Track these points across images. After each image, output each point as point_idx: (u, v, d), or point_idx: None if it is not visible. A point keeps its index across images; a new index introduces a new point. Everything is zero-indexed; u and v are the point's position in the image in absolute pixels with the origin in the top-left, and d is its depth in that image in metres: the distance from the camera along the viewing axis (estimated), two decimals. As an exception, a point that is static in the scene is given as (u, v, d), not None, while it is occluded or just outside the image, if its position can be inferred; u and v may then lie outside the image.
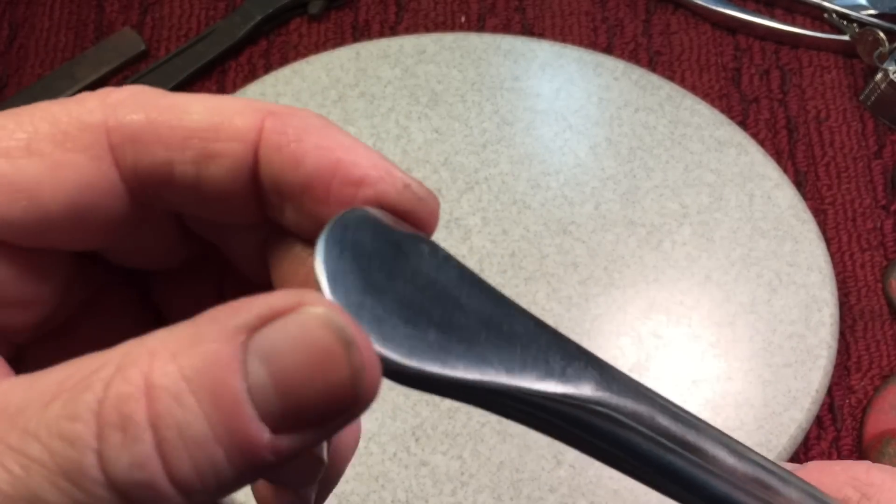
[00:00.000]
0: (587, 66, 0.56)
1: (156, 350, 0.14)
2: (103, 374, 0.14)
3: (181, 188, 0.17)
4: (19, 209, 0.17)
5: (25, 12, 0.59)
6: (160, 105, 0.17)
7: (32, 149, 0.17)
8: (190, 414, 0.14)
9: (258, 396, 0.14)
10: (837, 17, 0.58)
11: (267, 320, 0.15)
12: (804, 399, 0.47)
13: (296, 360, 0.15)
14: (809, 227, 0.51)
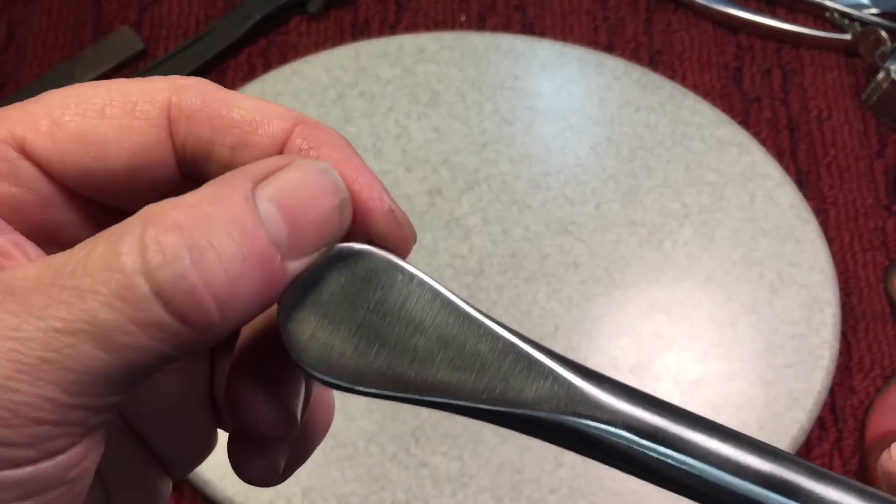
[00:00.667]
0: (588, 66, 0.55)
1: (177, 203, 0.18)
2: (136, 222, 0.17)
3: (216, 165, 0.21)
4: (88, 159, 0.20)
5: (23, 11, 0.59)
6: (217, 96, 0.21)
7: (105, 112, 0.20)
8: (220, 237, 0.17)
9: (270, 226, 0.18)
10: (839, 17, 0.57)
11: (268, 175, 0.19)
12: (806, 400, 0.47)
13: (297, 196, 0.19)
14: (811, 226, 0.51)
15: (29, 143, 0.20)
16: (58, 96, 0.20)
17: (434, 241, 0.51)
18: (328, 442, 0.46)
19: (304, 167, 0.19)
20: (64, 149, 0.20)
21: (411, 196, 0.52)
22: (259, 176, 0.19)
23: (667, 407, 0.20)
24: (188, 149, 0.21)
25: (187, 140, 0.21)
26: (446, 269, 0.50)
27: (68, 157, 0.20)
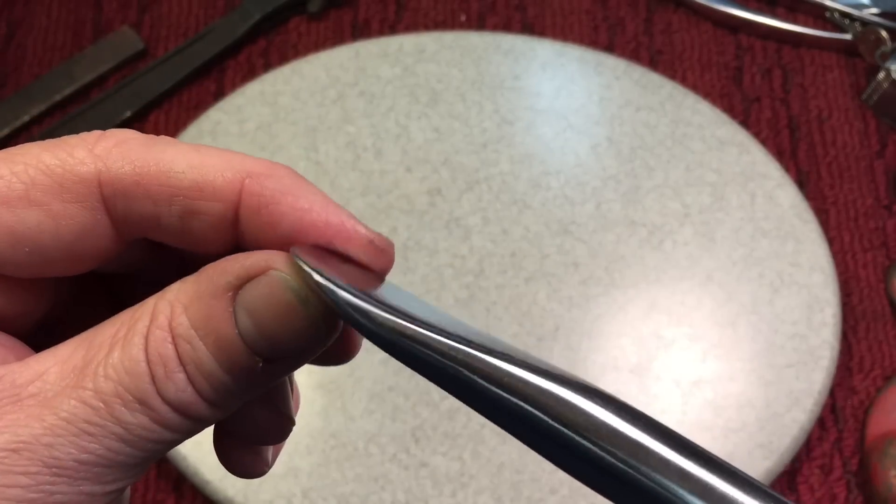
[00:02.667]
0: (588, 65, 0.55)
1: (174, 303, 0.19)
2: (143, 323, 0.19)
3: (166, 233, 0.21)
4: (23, 253, 0.20)
5: (24, 11, 0.59)
6: (147, 159, 0.20)
7: (32, 199, 0.19)
8: (202, 354, 0.19)
9: (247, 337, 0.19)
10: (839, 16, 0.57)
11: (245, 280, 0.19)
12: (806, 400, 0.47)
13: (269, 313, 0.19)
14: (811, 226, 0.51)
15: None
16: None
17: (434, 241, 0.51)
18: (328, 442, 0.46)
19: (275, 283, 0.19)
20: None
21: (411, 196, 0.52)
22: (238, 279, 0.19)
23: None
24: (130, 224, 0.20)
25: (128, 216, 0.20)
26: (446, 269, 0.50)
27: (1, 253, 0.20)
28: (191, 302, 0.19)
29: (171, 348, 0.19)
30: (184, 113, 0.56)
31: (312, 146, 0.53)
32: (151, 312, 0.19)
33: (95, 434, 0.18)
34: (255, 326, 0.19)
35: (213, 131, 0.53)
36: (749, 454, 0.45)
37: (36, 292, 0.21)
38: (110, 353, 0.19)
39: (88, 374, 0.19)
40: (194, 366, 0.19)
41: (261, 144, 0.53)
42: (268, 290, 0.19)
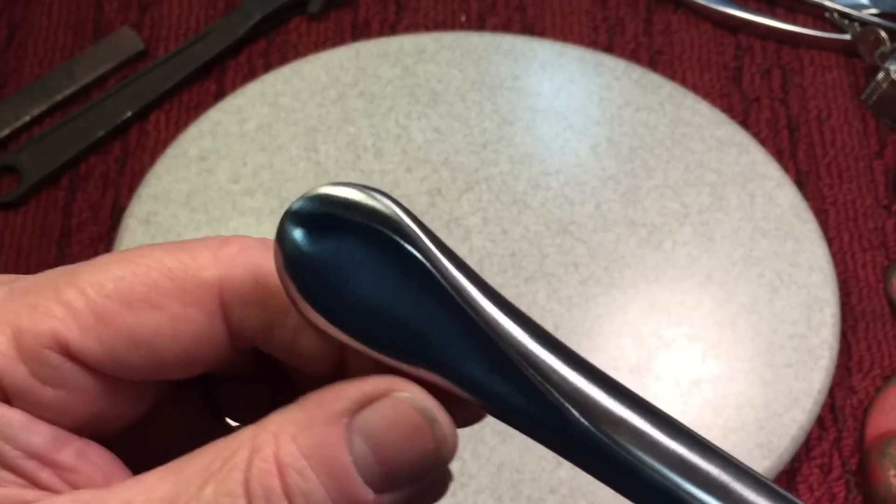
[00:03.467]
0: (588, 66, 0.56)
1: (279, 433, 0.18)
2: (242, 456, 0.18)
3: (277, 346, 0.20)
4: (139, 356, 0.19)
5: (24, 11, 0.59)
6: (269, 269, 0.19)
7: (153, 301, 0.19)
8: (312, 484, 0.18)
9: (362, 466, 0.18)
10: (839, 17, 0.57)
11: (363, 405, 0.19)
12: (805, 399, 0.47)
13: (391, 437, 0.19)
14: (811, 226, 0.51)
15: (73, 345, 0.19)
16: (95, 279, 0.19)
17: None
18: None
19: (401, 405, 0.19)
20: (111, 347, 0.19)
21: (411, 196, 0.52)
22: (354, 406, 0.19)
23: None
24: (245, 332, 0.20)
25: (244, 325, 0.20)
26: (446, 269, 0.50)
27: (117, 355, 0.19)
28: (300, 430, 0.18)
29: (277, 481, 0.18)
30: (184, 113, 0.56)
31: (313, 146, 0.53)
32: (251, 444, 0.18)
33: None
34: (373, 452, 0.18)
35: (213, 131, 0.54)
36: (748, 454, 0.45)
37: (139, 395, 0.21)
38: (203, 487, 0.18)
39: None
40: (303, 498, 0.18)
41: (261, 145, 0.53)
42: (392, 413, 0.19)
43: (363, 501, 0.18)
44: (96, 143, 0.55)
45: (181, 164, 0.53)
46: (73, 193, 0.54)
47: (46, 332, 0.19)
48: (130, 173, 0.54)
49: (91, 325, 0.19)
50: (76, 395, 0.19)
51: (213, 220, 0.51)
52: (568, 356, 0.20)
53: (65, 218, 0.53)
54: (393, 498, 0.19)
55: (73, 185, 0.54)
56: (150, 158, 0.54)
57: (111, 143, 0.55)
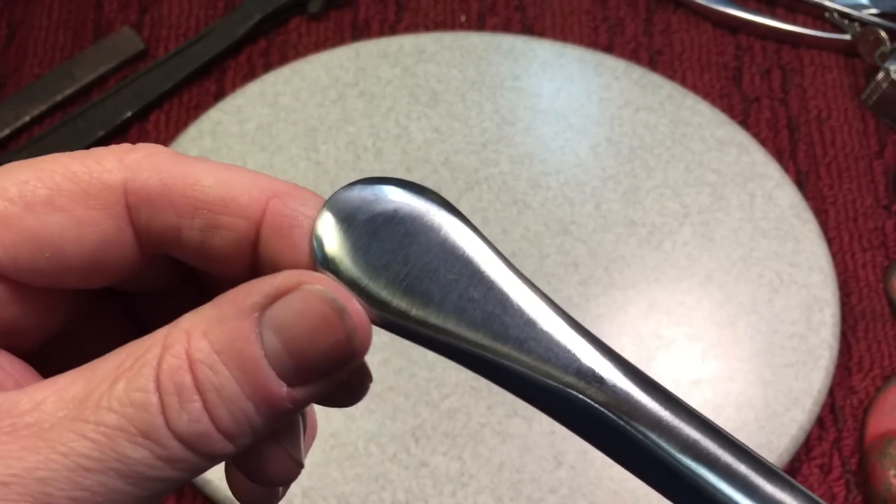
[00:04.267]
0: (588, 66, 0.56)
1: (190, 330, 0.18)
2: (153, 353, 0.18)
3: (186, 248, 0.20)
4: (43, 259, 0.19)
5: (24, 11, 0.59)
6: (174, 171, 0.19)
7: (56, 204, 0.19)
8: (223, 379, 0.18)
9: (274, 359, 0.18)
10: (839, 17, 0.57)
11: (274, 299, 0.18)
12: (805, 399, 0.47)
13: (301, 329, 0.18)
14: (811, 226, 0.51)
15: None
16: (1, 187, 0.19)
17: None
18: (328, 442, 0.46)
19: (310, 297, 0.19)
20: (15, 250, 0.19)
21: (411, 196, 0.52)
22: (265, 300, 0.19)
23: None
24: (153, 235, 0.20)
25: (151, 227, 0.20)
26: (446, 269, 0.50)
27: (20, 258, 0.19)
28: (211, 326, 0.18)
29: (188, 376, 0.18)
30: (184, 113, 0.56)
31: (313, 146, 0.53)
32: (163, 342, 0.18)
33: (93, 469, 0.17)
34: (284, 346, 0.18)
35: (213, 131, 0.54)
36: (748, 454, 0.45)
37: (49, 305, 0.20)
38: (114, 384, 0.18)
39: (89, 406, 0.18)
40: (215, 392, 0.18)
41: (261, 145, 0.53)
42: (301, 305, 0.18)
43: (276, 394, 0.18)
44: (96, 143, 0.55)
45: (181, 164, 0.53)
46: (73, 193, 0.54)
47: None
48: (130, 173, 0.54)
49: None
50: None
51: (213, 220, 0.51)
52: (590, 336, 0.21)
53: (65, 218, 0.53)
54: (307, 392, 0.19)
55: (73, 185, 0.54)
56: (150, 158, 0.54)
57: (111, 143, 0.55)
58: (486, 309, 0.19)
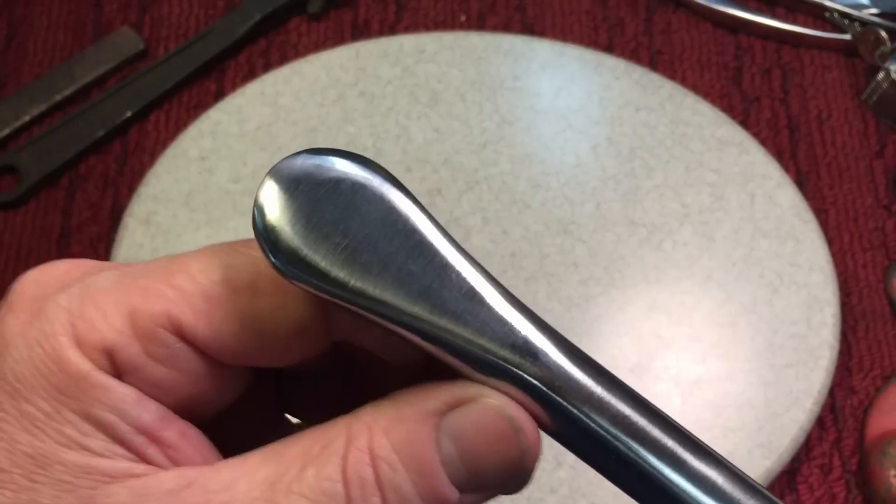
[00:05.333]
0: (588, 66, 0.56)
1: (372, 426, 0.19)
2: (339, 444, 0.19)
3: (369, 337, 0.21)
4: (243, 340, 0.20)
5: (24, 11, 0.59)
6: None
7: (258, 288, 0.20)
8: (401, 478, 0.19)
9: (449, 465, 0.19)
10: (839, 17, 0.57)
11: (452, 406, 0.19)
12: (806, 400, 0.47)
13: (479, 440, 0.19)
14: (811, 226, 0.51)
15: (186, 326, 0.20)
16: (203, 265, 0.20)
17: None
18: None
19: (488, 410, 0.19)
20: (220, 329, 0.20)
21: (411, 196, 0.52)
22: (444, 405, 0.19)
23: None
24: (340, 325, 0.21)
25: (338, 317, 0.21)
26: (446, 269, 0.50)
27: (224, 338, 0.20)
28: (392, 425, 0.19)
29: (371, 471, 0.19)
30: (184, 113, 0.56)
31: (313, 146, 0.53)
32: (347, 433, 0.19)
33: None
34: (459, 454, 0.19)
35: (213, 131, 0.54)
36: (748, 454, 0.45)
37: (233, 382, 0.22)
38: (303, 470, 0.19)
39: (281, 490, 0.19)
40: (394, 491, 0.19)
41: (261, 145, 0.53)
42: (480, 417, 0.19)
43: (448, 499, 0.19)
44: (96, 143, 0.55)
45: (181, 164, 0.53)
46: (72, 193, 0.54)
47: (161, 312, 0.19)
48: (130, 173, 0.54)
49: (201, 308, 0.20)
50: (183, 375, 0.20)
51: (212, 220, 0.51)
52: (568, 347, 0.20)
53: (64, 218, 0.53)
54: (475, 499, 0.20)
55: (72, 185, 0.54)
56: (149, 158, 0.54)
57: (111, 143, 0.55)
58: (424, 282, 0.19)
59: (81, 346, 0.19)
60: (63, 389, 0.19)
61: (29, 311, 0.20)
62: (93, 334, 0.19)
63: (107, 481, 0.19)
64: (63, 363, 0.19)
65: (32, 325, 0.19)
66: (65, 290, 0.20)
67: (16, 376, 0.19)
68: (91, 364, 0.19)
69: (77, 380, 0.19)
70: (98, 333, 0.19)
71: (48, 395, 0.19)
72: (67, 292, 0.20)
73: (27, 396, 0.19)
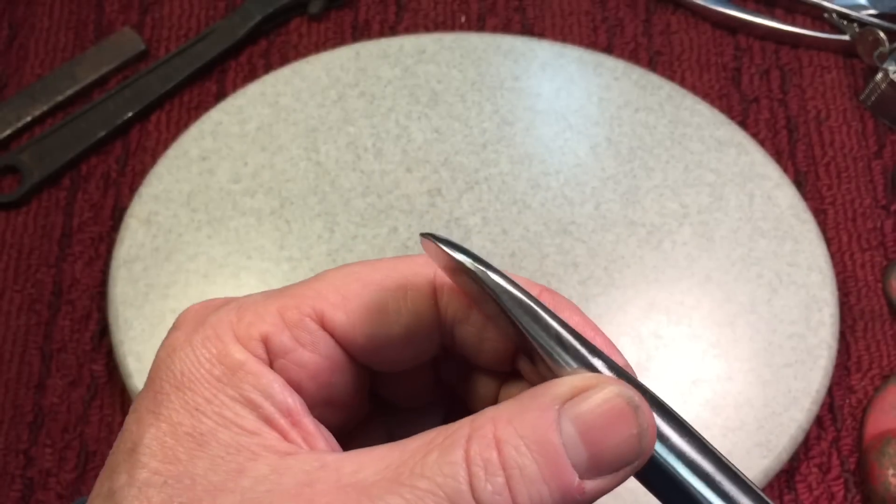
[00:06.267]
0: (587, 66, 0.56)
1: (496, 418, 0.21)
2: (462, 433, 0.21)
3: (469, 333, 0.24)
4: (374, 325, 0.23)
5: (25, 12, 0.59)
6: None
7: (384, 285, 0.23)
8: (526, 459, 0.20)
9: (571, 448, 0.20)
10: (837, 17, 0.58)
11: (572, 396, 0.21)
12: (804, 399, 0.47)
13: (598, 419, 0.21)
14: (809, 227, 0.51)
15: (327, 316, 0.23)
16: (340, 274, 0.24)
17: (434, 241, 0.51)
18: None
19: (609, 392, 0.21)
20: (353, 318, 0.23)
21: (411, 196, 0.52)
22: (565, 395, 0.21)
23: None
24: (448, 315, 0.24)
25: (448, 307, 0.24)
26: (446, 268, 0.50)
27: (357, 325, 0.23)
28: (515, 415, 0.21)
29: (494, 454, 0.20)
30: (185, 113, 0.56)
31: (313, 146, 0.53)
32: (470, 425, 0.21)
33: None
34: (580, 435, 0.20)
35: (214, 132, 0.54)
36: (747, 453, 0.46)
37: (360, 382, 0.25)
38: (427, 455, 0.20)
39: (405, 472, 0.20)
40: (518, 470, 0.20)
41: (262, 145, 0.53)
42: (600, 399, 0.21)
43: (569, 482, 0.20)
44: (97, 143, 0.55)
45: (182, 164, 0.53)
46: (74, 193, 0.54)
47: (307, 305, 0.23)
48: (131, 173, 0.55)
49: (338, 302, 0.23)
50: (324, 360, 0.23)
51: (213, 219, 0.51)
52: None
53: (66, 218, 0.53)
54: (595, 485, 0.21)
55: (74, 185, 0.54)
56: (151, 158, 0.55)
57: (112, 144, 0.55)
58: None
59: (240, 340, 0.22)
60: (221, 378, 0.22)
61: (192, 326, 0.23)
62: (250, 328, 0.22)
63: (253, 457, 0.21)
64: (224, 356, 0.22)
65: (196, 332, 0.23)
66: (221, 308, 0.23)
67: (182, 372, 0.22)
68: (248, 354, 0.22)
69: (234, 369, 0.22)
70: (254, 326, 0.22)
71: (209, 384, 0.22)
72: (224, 308, 0.23)
73: (191, 387, 0.22)
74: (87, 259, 0.52)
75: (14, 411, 0.49)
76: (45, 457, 0.48)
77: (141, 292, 0.49)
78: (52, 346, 0.50)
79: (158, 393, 0.22)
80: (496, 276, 0.22)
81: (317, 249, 0.51)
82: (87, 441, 0.48)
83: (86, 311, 0.51)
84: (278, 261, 0.50)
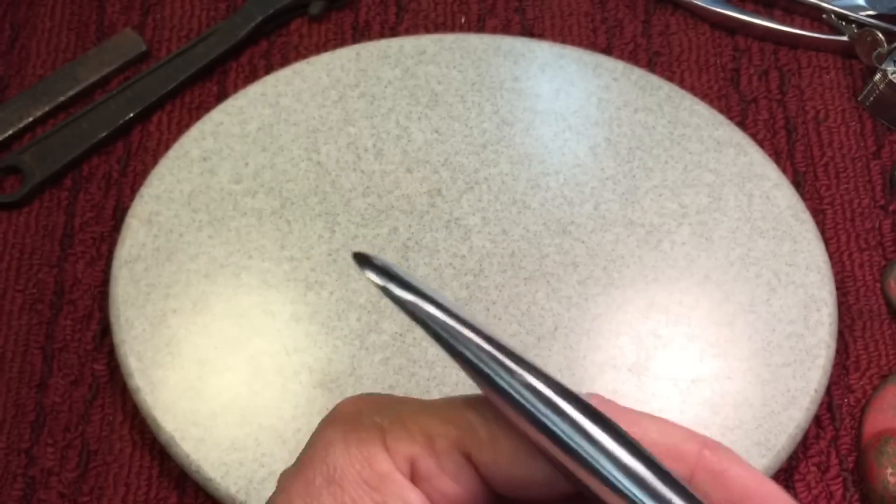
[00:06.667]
0: (587, 67, 0.56)
1: None
2: None
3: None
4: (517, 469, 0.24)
5: (27, 13, 0.60)
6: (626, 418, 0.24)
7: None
8: None
9: None
10: (836, 18, 0.58)
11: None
12: (803, 398, 0.47)
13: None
14: (808, 227, 0.51)
15: (474, 452, 0.24)
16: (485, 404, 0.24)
17: (434, 241, 0.51)
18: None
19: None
20: (500, 459, 0.24)
21: (412, 196, 0.52)
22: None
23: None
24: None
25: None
26: (446, 268, 0.50)
27: (503, 466, 0.24)
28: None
29: None
30: (186, 114, 0.56)
31: (314, 147, 0.54)
32: None
33: None
34: None
35: (215, 132, 0.54)
36: (746, 452, 0.46)
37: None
38: None
39: None
40: None
41: (262, 145, 0.54)
42: None
43: None
44: (99, 143, 0.55)
45: (183, 164, 0.53)
46: (75, 194, 0.54)
47: (455, 436, 0.24)
48: (133, 174, 0.55)
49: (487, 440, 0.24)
50: (465, 491, 0.24)
51: (214, 220, 0.52)
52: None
53: (68, 218, 0.54)
54: None
55: (75, 185, 0.55)
56: (152, 159, 0.55)
57: (114, 144, 0.56)
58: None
59: (388, 452, 0.23)
60: (368, 481, 0.23)
61: (349, 422, 0.24)
62: (398, 444, 0.23)
63: None
64: (372, 461, 0.23)
65: (351, 432, 0.24)
66: (378, 411, 0.24)
67: (334, 467, 0.23)
68: (394, 465, 0.23)
69: (381, 476, 0.23)
70: (403, 443, 0.24)
71: (357, 484, 0.23)
72: (380, 412, 0.24)
73: (341, 484, 0.23)
74: (88, 259, 0.52)
75: (16, 410, 0.49)
76: (47, 456, 0.48)
77: (142, 292, 0.49)
78: (54, 345, 0.50)
79: (310, 484, 0.23)
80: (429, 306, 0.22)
81: (317, 249, 0.51)
82: (88, 440, 0.48)
83: (87, 311, 0.51)
84: (279, 261, 0.50)
